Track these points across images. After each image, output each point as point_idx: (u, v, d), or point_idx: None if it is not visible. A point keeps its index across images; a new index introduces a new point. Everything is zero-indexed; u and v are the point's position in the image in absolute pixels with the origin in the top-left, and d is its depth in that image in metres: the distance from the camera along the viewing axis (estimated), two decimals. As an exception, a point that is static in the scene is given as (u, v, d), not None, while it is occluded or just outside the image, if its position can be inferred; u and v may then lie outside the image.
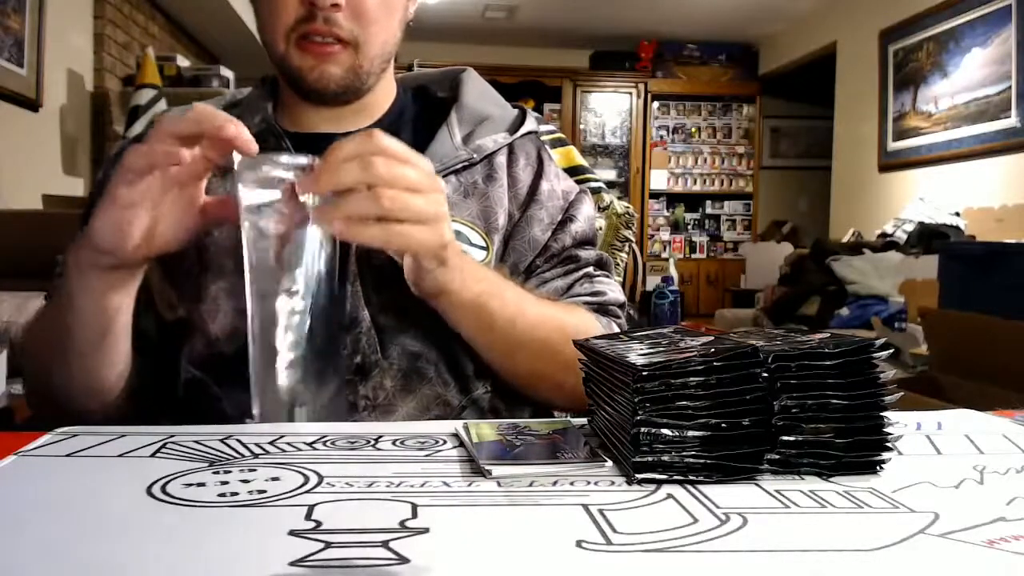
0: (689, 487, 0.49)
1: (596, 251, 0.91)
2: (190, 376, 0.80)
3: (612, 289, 0.88)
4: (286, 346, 0.65)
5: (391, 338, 0.78)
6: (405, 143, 0.86)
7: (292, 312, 0.65)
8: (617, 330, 0.84)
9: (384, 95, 0.90)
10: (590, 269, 0.88)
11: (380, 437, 0.60)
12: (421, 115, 0.91)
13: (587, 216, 0.91)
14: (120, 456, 0.55)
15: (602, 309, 0.85)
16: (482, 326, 0.75)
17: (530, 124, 0.92)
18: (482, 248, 0.83)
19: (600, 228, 1.10)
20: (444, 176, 0.84)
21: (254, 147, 0.63)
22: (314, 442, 0.58)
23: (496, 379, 0.82)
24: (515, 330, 0.75)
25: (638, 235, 3.17)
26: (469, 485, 0.49)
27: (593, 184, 1.10)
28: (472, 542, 0.41)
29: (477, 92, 0.93)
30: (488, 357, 0.79)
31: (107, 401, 0.76)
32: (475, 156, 0.86)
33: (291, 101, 0.87)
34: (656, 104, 7.33)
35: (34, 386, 0.82)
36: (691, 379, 0.50)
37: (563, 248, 0.87)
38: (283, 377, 0.65)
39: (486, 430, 0.59)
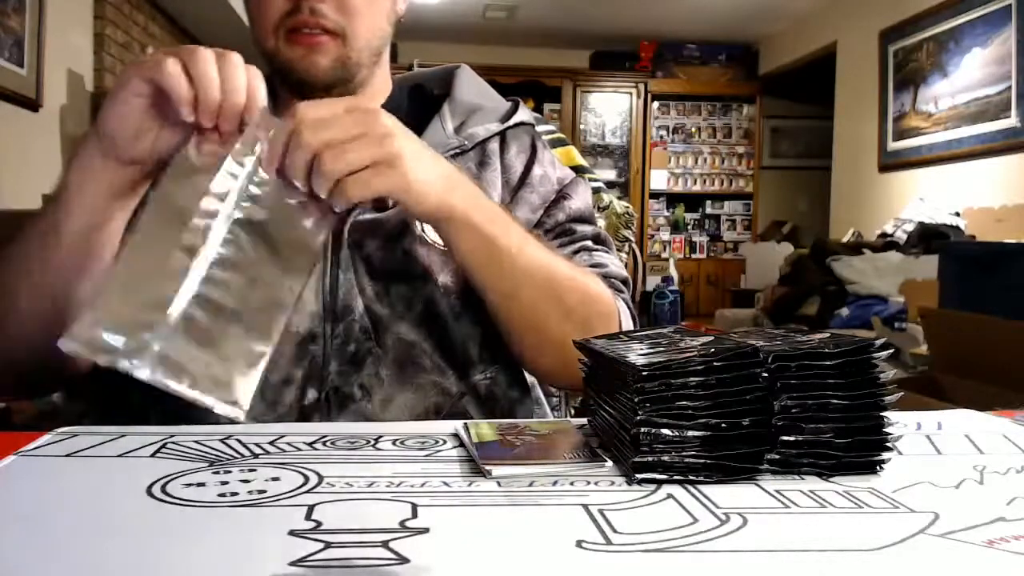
0: (689, 487, 0.49)
1: (593, 227, 0.90)
2: None
3: (613, 263, 0.87)
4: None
5: (385, 326, 0.78)
6: None
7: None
8: (623, 304, 0.83)
9: (378, 91, 0.90)
10: (588, 243, 0.87)
11: (380, 437, 0.60)
12: (415, 111, 0.91)
13: (583, 196, 0.90)
14: (120, 456, 0.55)
15: (604, 282, 0.84)
16: (490, 255, 0.72)
17: (523, 115, 0.92)
18: None
19: (601, 227, 1.10)
20: None
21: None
22: (314, 442, 0.58)
23: (496, 365, 0.82)
24: (519, 264, 0.73)
25: (638, 235, 3.18)
26: (469, 485, 0.49)
27: (593, 184, 1.10)
28: (472, 542, 0.41)
29: (470, 86, 0.94)
30: (492, 298, 0.76)
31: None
32: (467, 143, 0.86)
33: (286, 98, 0.87)
34: (656, 104, 7.32)
35: None
36: (691, 379, 0.50)
37: (556, 223, 0.87)
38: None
39: (486, 430, 0.59)
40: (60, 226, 0.68)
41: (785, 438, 0.51)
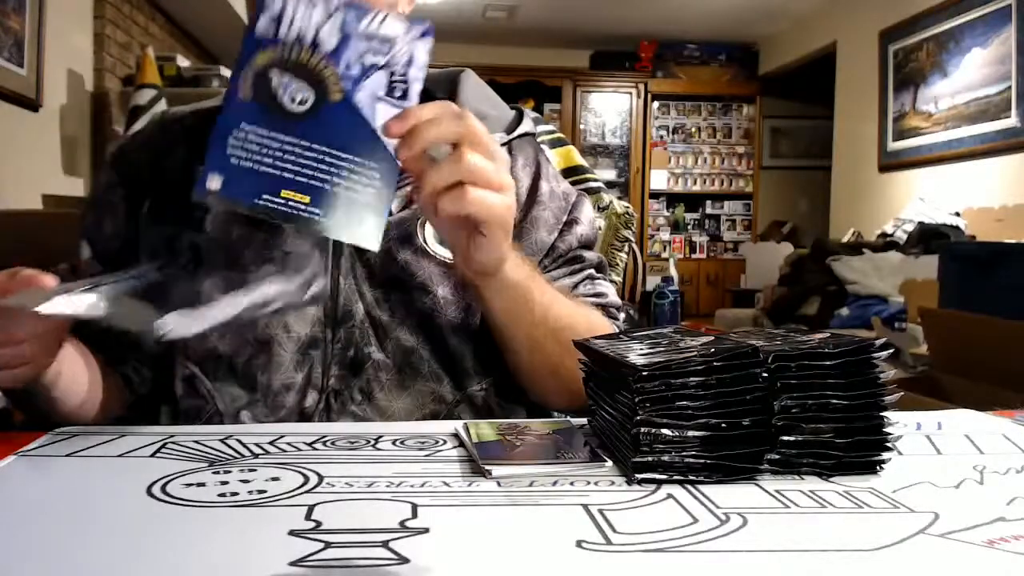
0: (689, 487, 0.49)
1: (596, 254, 0.92)
2: (187, 372, 0.80)
3: (611, 292, 0.90)
4: None
5: (385, 332, 0.78)
6: None
7: None
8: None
9: None
10: (592, 271, 0.90)
11: (380, 437, 0.60)
12: None
13: (589, 219, 0.92)
14: (120, 456, 0.55)
15: (604, 311, 0.86)
16: (524, 311, 0.74)
17: (527, 125, 0.92)
18: None
19: (600, 228, 1.10)
20: None
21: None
22: (314, 442, 0.58)
23: (491, 376, 0.82)
24: (549, 317, 0.75)
25: (638, 235, 3.17)
26: (469, 485, 0.49)
27: (593, 184, 1.10)
28: (472, 542, 0.41)
29: (474, 93, 0.93)
30: (519, 347, 0.78)
31: (109, 413, 0.76)
32: None
33: None
34: (656, 104, 7.32)
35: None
36: (691, 379, 0.50)
37: (569, 248, 0.88)
38: None
39: (486, 430, 0.59)
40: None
41: (785, 438, 0.51)
